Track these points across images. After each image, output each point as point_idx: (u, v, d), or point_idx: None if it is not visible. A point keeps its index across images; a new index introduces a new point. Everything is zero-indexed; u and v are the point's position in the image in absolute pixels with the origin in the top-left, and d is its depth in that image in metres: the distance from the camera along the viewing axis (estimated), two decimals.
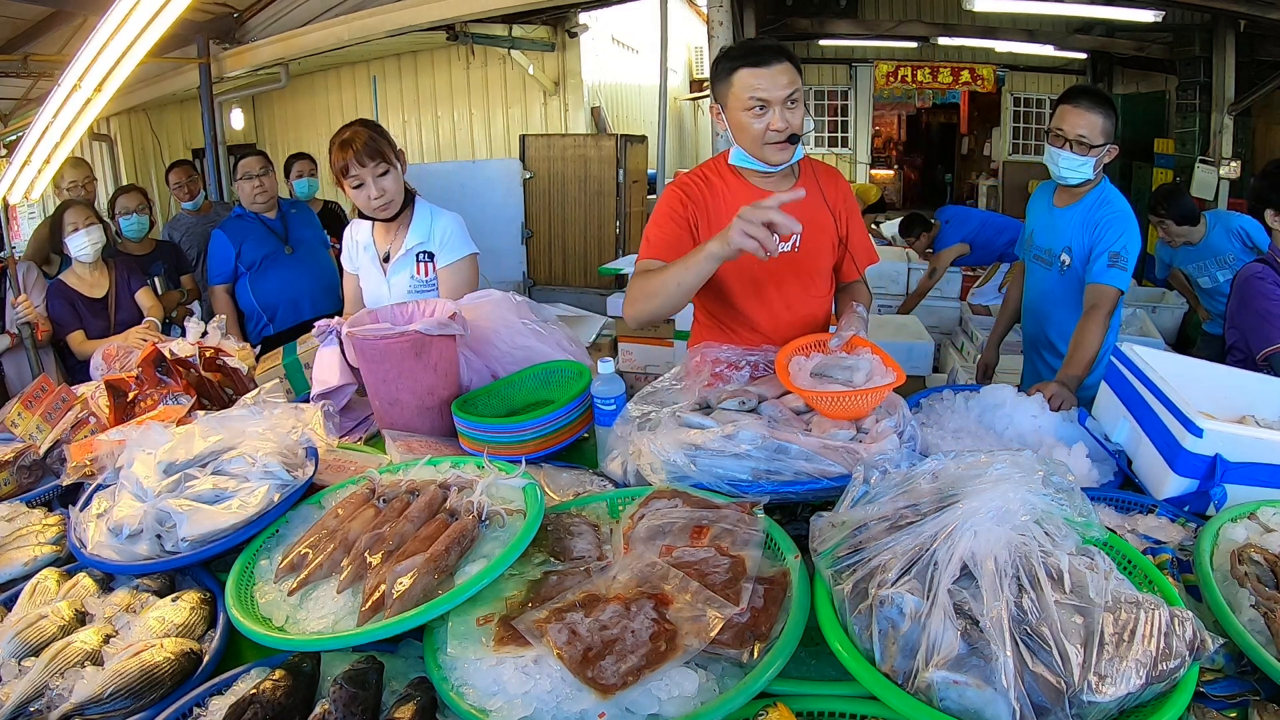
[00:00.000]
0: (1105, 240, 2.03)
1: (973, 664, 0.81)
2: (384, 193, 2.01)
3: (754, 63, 1.60)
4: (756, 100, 1.61)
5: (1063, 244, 2.14)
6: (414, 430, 1.76)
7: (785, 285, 1.79)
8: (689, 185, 1.78)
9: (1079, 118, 1.99)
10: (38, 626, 1.10)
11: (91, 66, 2.32)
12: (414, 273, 2.12)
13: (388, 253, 2.16)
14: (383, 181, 2.00)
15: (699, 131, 10.73)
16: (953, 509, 0.93)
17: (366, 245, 2.19)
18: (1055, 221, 2.17)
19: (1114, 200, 2.09)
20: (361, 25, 5.12)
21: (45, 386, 1.89)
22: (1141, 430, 1.46)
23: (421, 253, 2.11)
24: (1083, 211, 2.10)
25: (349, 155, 1.97)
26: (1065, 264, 2.14)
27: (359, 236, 2.22)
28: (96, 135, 7.96)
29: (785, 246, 1.77)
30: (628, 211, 6.01)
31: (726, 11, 4.11)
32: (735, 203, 1.75)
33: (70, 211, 2.91)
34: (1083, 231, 2.09)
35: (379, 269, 2.18)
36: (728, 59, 1.65)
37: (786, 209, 1.65)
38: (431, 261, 2.10)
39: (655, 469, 1.30)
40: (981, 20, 7.13)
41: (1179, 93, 6.23)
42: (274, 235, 3.27)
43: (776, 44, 1.63)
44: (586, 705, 0.86)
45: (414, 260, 2.12)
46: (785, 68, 1.60)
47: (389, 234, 2.17)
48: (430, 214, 2.14)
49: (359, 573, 1.10)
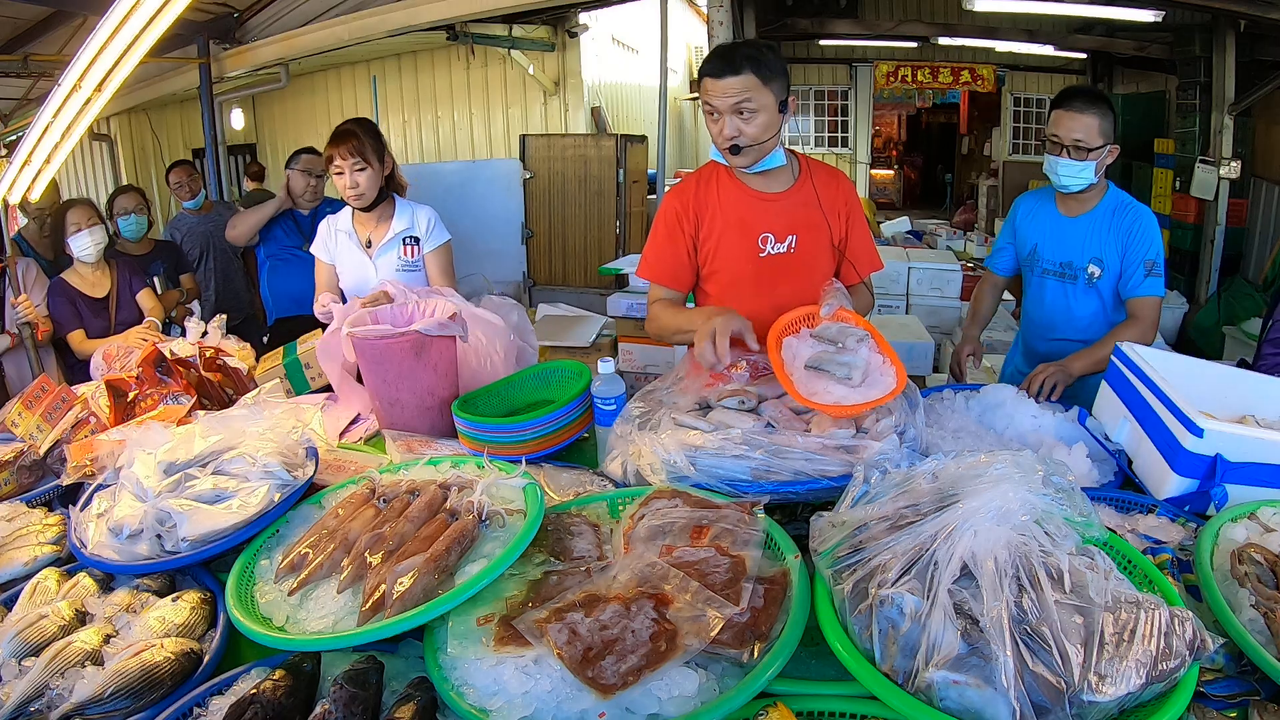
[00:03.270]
0: (1138, 249, 1.97)
1: (973, 664, 0.81)
2: (357, 185, 2.30)
3: (710, 71, 1.65)
4: (710, 107, 1.68)
5: (1089, 256, 2.04)
6: (414, 430, 1.76)
7: (779, 286, 1.80)
8: (685, 194, 1.83)
9: (1074, 121, 1.93)
10: (38, 626, 1.10)
11: (91, 66, 2.32)
12: (400, 253, 2.41)
13: (369, 239, 2.41)
14: (358, 175, 2.29)
15: (699, 131, 10.73)
16: (953, 509, 0.93)
17: (349, 232, 2.42)
18: (1069, 232, 2.07)
19: (1134, 205, 2.02)
20: (361, 25, 5.11)
21: (45, 386, 1.89)
22: (1142, 430, 1.46)
23: (408, 237, 2.41)
24: (1104, 219, 2.02)
25: (336, 147, 2.29)
26: (1095, 276, 2.04)
27: (340, 225, 2.45)
28: (96, 135, 7.95)
29: (781, 248, 1.80)
30: (628, 211, 6.01)
31: (726, 11, 4.11)
32: (727, 202, 1.80)
33: (73, 211, 2.91)
34: (1112, 240, 2.01)
35: (363, 253, 2.41)
36: (704, 62, 1.70)
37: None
38: (417, 245, 2.42)
39: (655, 469, 1.30)
40: (981, 20, 7.13)
41: (1179, 93, 6.22)
42: (298, 232, 3.33)
43: (748, 53, 1.63)
44: (586, 705, 0.86)
45: (400, 243, 2.41)
46: (738, 80, 1.61)
47: (369, 222, 2.42)
48: (411, 207, 2.46)
49: (359, 573, 1.10)
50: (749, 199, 1.79)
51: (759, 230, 1.79)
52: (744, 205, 1.79)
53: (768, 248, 1.80)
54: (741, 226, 1.79)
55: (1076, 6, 6.03)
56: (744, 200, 1.79)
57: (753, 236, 1.79)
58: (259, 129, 8.69)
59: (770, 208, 1.80)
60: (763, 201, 1.80)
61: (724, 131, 1.67)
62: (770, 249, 1.80)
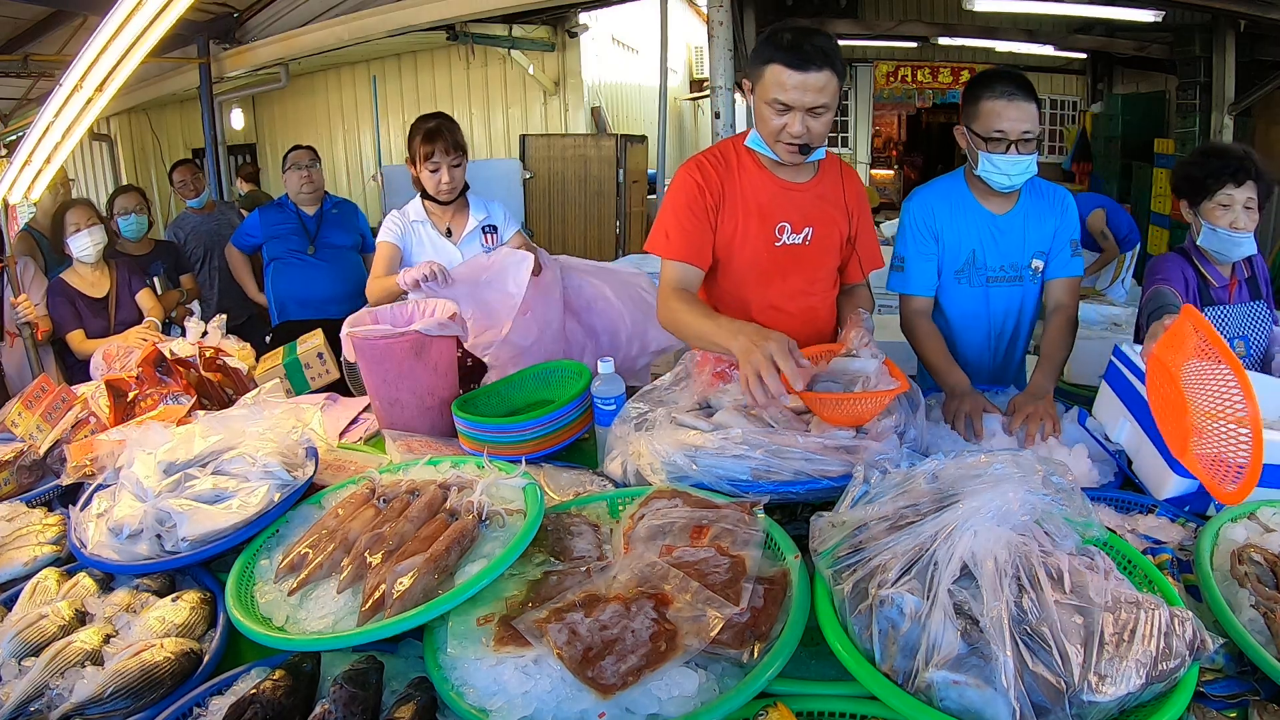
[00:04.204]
0: (1066, 229, 1.88)
1: (973, 664, 0.81)
2: (452, 180, 2.35)
3: (790, 62, 1.51)
4: (780, 102, 1.55)
5: (1032, 251, 1.90)
6: (414, 430, 1.76)
7: (790, 277, 1.77)
8: (706, 168, 1.72)
9: (1019, 111, 1.72)
10: (38, 626, 1.10)
11: (92, 67, 2.32)
12: (482, 241, 2.47)
13: (448, 228, 2.45)
14: (455, 171, 2.35)
15: (699, 131, 10.73)
16: (953, 509, 0.93)
17: (423, 221, 2.43)
18: (1006, 232, 1.89)
19: (1050, 184, 1.92)
20: (361, 25, 5.12)
21: (45, 386, 1.89)
22: (1142, 430, 1.46)
23: (488, 225, 2.49)
24: (1033, 208, 1.89)
25: (436, 144, 2.30)
26: (1038, 270, 1.92)
27: (413, 216, 2.44)
28: (96, 135, 7.95)
29: (796, 239, 1.74)
30: (628, 211, 6.01)
31: (726, 11, 4.11)
32: (751, 188, 1.71)
33: (72, 211, 2.91)
34: (1048, 227, 1.89)
35: (445, 241, 2.44)
36: (770, 45, 1.55)
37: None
38: (495, 233, 2.48)
39: (655, 469, 1.30)
40: (981, 20, 7.12)
41: (1179, 93, 6.22)
42: (303, 234, 3.31)
43: (823, 46, 1.52)
44: (586, 705, 0.86)
45: (480, 232, 2.48)
46: (820, 76, 1.51)
47: (447, 213, 2.45)
48: (481, 199, 2.53)
49: (359, 573, 1.10)
50: (772, 187, 1.72)
51: (777, 219, 1.72)
52: (765, 193, 1.72)
53: (784, 237, 1.73)
54: (761, 214, 1.71)
55: (1076, 6, 6.02)
56: (766, 187, 1.72)
57: (770, 225, 1.72)
58: (259, 129, 8.68)
59: (791, 197, 1.73)
60: (785, 190, 1.73)
61: (791, 129, 1.56)
62: (786, 239, 1.73)
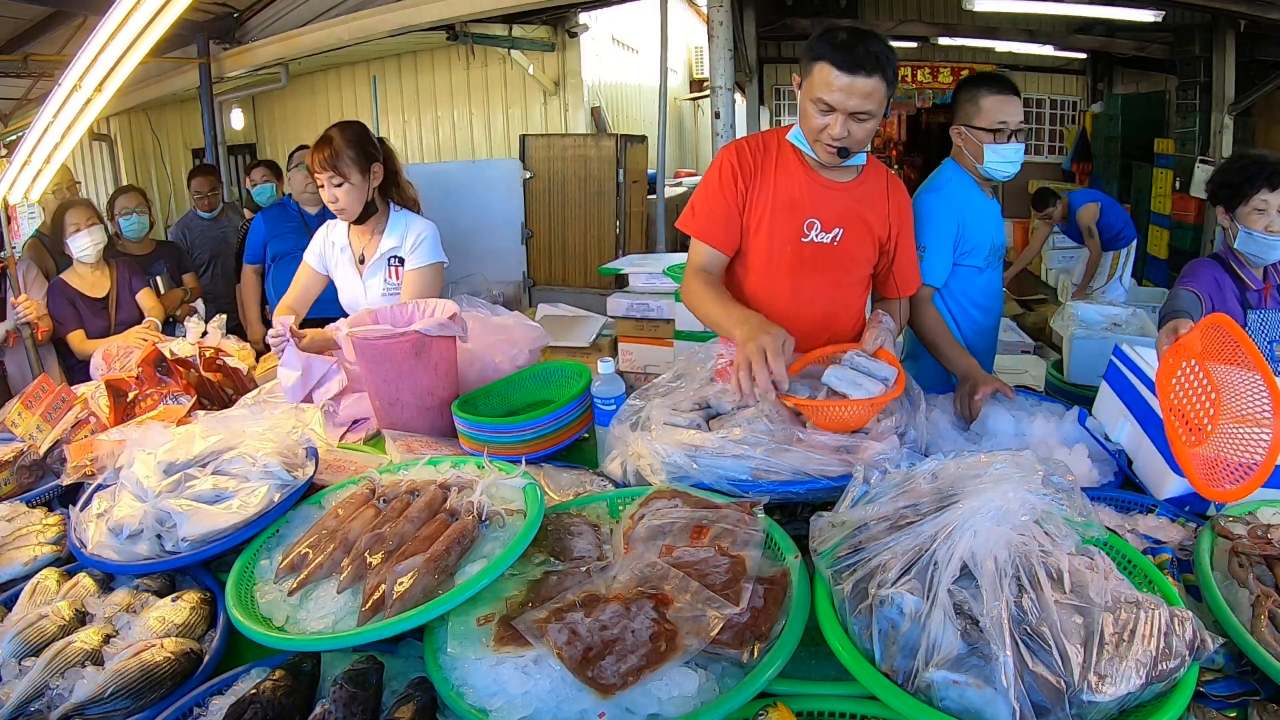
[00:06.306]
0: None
1: (973, 664, 0.81)
2: (335, 200, 2.08)
3: (839, 63, 1.49)
4: (824, 102, 1.53)
5: (1001, 229, 2.13)
6: (414, 430, 1.76)
7: (815, 276, 1.73)
8: (744, 152, 1.71)
9: (1014, 104, 1.92)
10: (38, 626, 1.10)
11: (91, 67, 2.32)
12: (386, 276, 2.18)
13: (362, 254, 2.20)
14: (336, 191, 2.06)
15: (699, 131, 10.72)
16: (953, 509, 0.93)
17: (343, 247, 2.22)
18: (996, 215, 2.09)
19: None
20: (361, 25, 5.11)
21: (45, 386, 1.89)
22: (1142, 430, 1.46)
23: (393, 257, 2.16)
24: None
25: (315, 158, 2.05)
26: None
27: (335, 237, 2.25)
28: (96, 135, 7.95)
29: (825, 237, 1.71)
30: (628, 211, 6.00)
31: (726, 11, 4.10)
32: (785, 180, 1.69)
33: (72, 212, 2.91)
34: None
35: (355, 270, 2.21)
36: (823, 42, 1.52)
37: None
38: (401, 266, 2.15)
39: (655, 469, 1.30)
40: (981, 20, 7.12)
41: (1179, 93, 6.22)
42: (305, 234, 3.28)
43: (876, 52, 1.49)
44: (586, 705, 0.86)
45: (386, 264, 2.17)
46: (870, 82, 1.49)
47: (363, 236, 2.20)
48: (405, 220, 2.19)
49: (359, 573, 1.10)
50: (807, 181, 1.68)
51: (807, 214, 1.69)
52: (798, 186, 1.68)
53: (812, 234, 1.69)
54: (791, 207, 1.68)
55: (1076, 6, 6.03)
56: (800, 181, 1.68)
57: (799, 220, 1.69)
58: (259, 129, 8.68)
59: (826, 195, 1.69)
60: (821, 187, 1.69)
61: (832, 130, 1.55)
62: (814, 236, 1.69)
